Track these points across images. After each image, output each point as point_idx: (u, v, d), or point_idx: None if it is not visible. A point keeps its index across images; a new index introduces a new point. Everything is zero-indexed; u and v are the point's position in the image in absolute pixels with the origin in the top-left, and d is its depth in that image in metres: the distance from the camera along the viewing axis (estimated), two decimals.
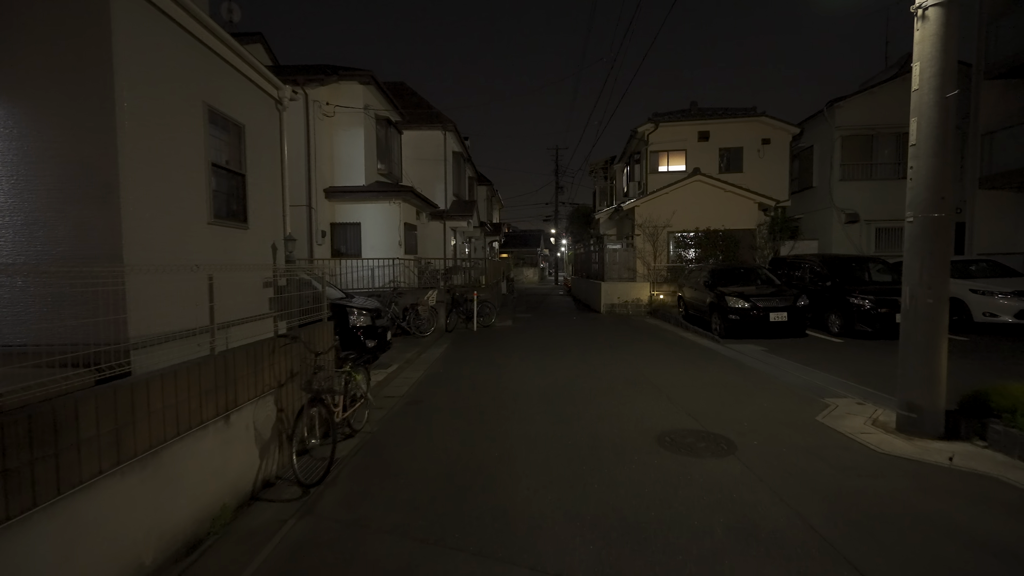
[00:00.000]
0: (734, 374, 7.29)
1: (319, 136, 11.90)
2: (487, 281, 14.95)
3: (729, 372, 7.43)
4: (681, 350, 9.41)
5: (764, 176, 16.70)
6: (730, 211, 15.63)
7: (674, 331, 12.09)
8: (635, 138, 17.89)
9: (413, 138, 16.45)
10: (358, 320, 7.85)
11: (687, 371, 7.53)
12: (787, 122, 16.61)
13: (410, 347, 10.12)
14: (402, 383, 7.23)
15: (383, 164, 13.57)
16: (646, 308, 15.65)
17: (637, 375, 7.29)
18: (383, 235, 12.57)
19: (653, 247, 15.93)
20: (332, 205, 12.50)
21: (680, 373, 7.40)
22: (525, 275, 46.27)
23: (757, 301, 10.25)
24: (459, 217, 16.44)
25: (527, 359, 8.71)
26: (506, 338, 11.34)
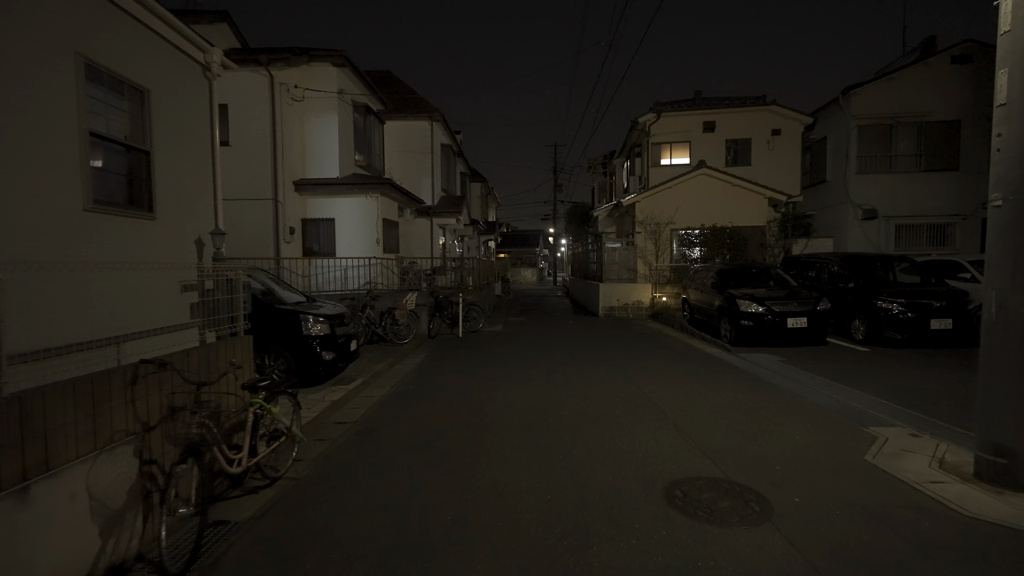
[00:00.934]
0: (752, 392, 6.17)
1: (288, 123, 10.81)
2: (477, 282, 13.88)
3: (746, 390, 6.32)
4: (687, 361, 8.30)
5: (774, 169, 15.59)
6: (738, 207, 14.52)
7: (678, 337, 10.98)
8: (635, 130, 16.79)
9: (398, 129, 15.37)
10: (313, 328, 6.75)
11: (696, 389, 6.42)
12: (799, 111, 15.50)
13: (384, 356, 9.02)
14: (360, 404, 6.13)
15: (361, 155, 12.47)
16: (647, 311, 14.55)
17: (637, 394, 6.18)
18: (359, 232, 11.47)
19: (655, 246, 14.83)
20: (303, 199, 11.41)
21: (688, 391, 6.29)
22: (523, 276, 45.18)
23: (773, 305, 9.14)
24: (447, 214, 15.35)
25: (512, 372, 7.61)
26: (493, 346, 10.24)
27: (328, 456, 4.43)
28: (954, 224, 14.19)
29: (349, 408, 5.96)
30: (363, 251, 11.32)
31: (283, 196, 10.55)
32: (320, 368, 6.75)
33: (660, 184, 14.84)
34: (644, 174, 16.58)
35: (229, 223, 10.93)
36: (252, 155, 10.34)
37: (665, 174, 15.46)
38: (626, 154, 19.84)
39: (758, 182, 14.45)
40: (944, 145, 14.18)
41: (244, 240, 10.35)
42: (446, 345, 10.44)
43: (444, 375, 7.62)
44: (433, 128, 15.34)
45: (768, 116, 15.72)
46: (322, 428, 5.21)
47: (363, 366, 8.17)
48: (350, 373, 7.65)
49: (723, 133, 15.97)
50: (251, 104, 10.31)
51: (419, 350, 9.90)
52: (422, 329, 11.44)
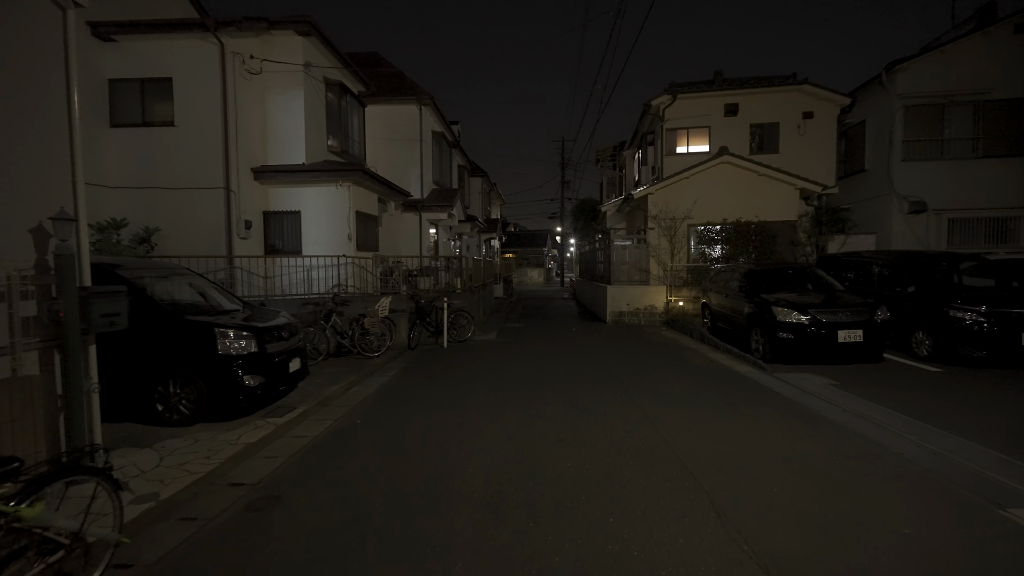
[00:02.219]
0: (812, 438, 4.53)
1: (244, 101, 9.34)
2: (469, 284, 12.34)
3: (801, 432, 4.68)
4: (714, 384, 6.66)
5: (805, 157, 13.83)
6: (765, 199, 12.80)
7: (699, 350, 9.31)
8: (648, 114, 15.12)
9: (383, 115, 13.88)
10: (232, 346, 5.23)
11: (733, 430, 4.79)
12: (835, 91, 13.70)
13: (344, 374, 7.51)
14: (281, 449, 4.59)
15: (335, 140, 10.98)
16: (661, 317, 12.88)
17: (653, 438, 4.57)
18: (329, 227, 9.97)
19: (670, 243, 13.16)
20: (264, 189, 9.94)
21: (722, 434, 4.66)
22: (529, 276, 43.58)
23: (819, 314, 7.46)
24: (437, 208, 13.81)
25: (494, 401, 6.04)
26: (479, 360, 8.67)
27: (180, 557, 2.88)
28: (1019, 218, 12.33)
29: (262, 457, 4.42)
30: (333, 248, 9.83)
31: (237, 185, 9.08)
32: (241, 397, 5.23)
33: (676, 174, 13.16)
34: (658, 164, 14.89)
35: (172, 217, 9.53)
36: (200, 137, 8.89)
37: (681, 163, 13.78)
38: (637, 144, 18.14)
39: (788, 171, 12.71)
40: (1006, 127, 12.32)
41: (190, 236, 8.91)
42: (425, 359, 8.89)
43: (408, 403, 6.06)
44: (422, 113, 13.83)
45: (799, 97, 13.95)
46: (205, 495, 3.68)
47: (314, 388, 6.67)
48: (293, 399, 6.15)
49: (747, 117, 14.23)
50: (198, 77, 8.86)
51: (391, 365, 8.36)
52: (400, 339, 9.91)
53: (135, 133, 8.97)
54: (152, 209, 8.93)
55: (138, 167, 8.96)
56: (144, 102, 8.97)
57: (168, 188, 8.97)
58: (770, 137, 14.16)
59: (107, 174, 8.87)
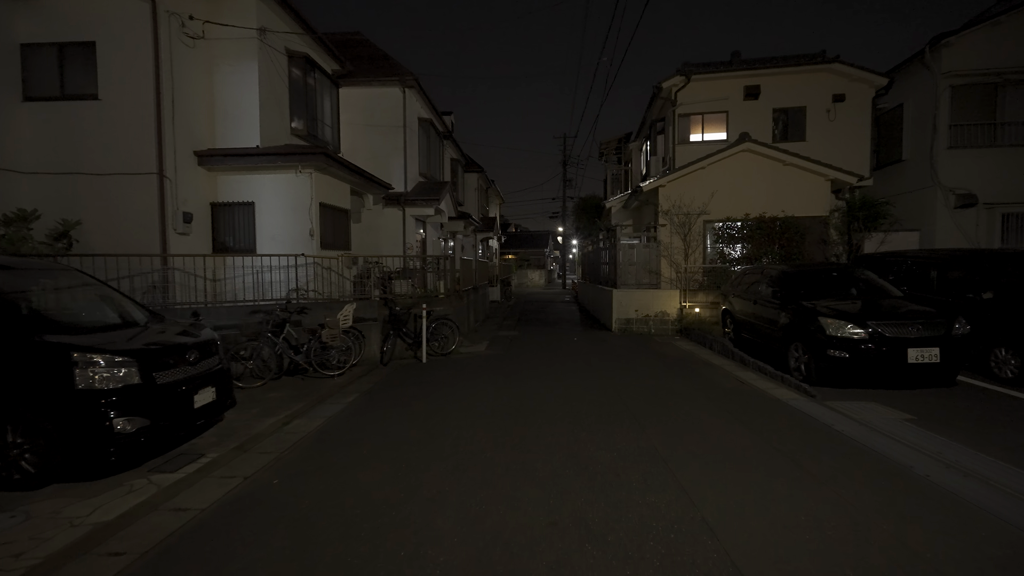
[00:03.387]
0: (929, 521, 3.04)
1: (186, 71, 7.91)
2: (456, 287, 10.88)
3: (908, 511, 3.19)
4: (755, 419, 5.17)
5: (835, 145, 12.34)
6: (791, 192, 11.32)
7: (723, 367, 7.82)
8: (659, 98, 13.64)
9: (362, 98, 12.44)
10: (101, 377, 3.77)
11: (804, 505, 3.30)
12: (870, 70, 12.20)
13: (290, 401, 6.06)
14: (136, 539, 3.11)
15: (300, 122, 9.54)
16: (674, 325, 11.39)
17: (690, 522, 3.08)
18: (288, 221, 8.52)
19: (684, 242, 11.67)
20: (213, 177, 8.50)
21: (791, 514, 3.17)
22: (530, 278, 42.15)
23: (881, 327, 5.96)
24: (423, 202, 12.35)
25: (467, 447, 4.56)
26: (460, 382, 7.20)
27: None
28: None
29: (102, 554, 2.94)
30: (293, 246, 8.38)
31: (174, 170, 7.64)
32: (110, 448, 3.77)
33: (690, 164, 11.68)
34: (669, 154, 13.40)
35: (97, 208, 8.07)
36: (128, 113, 7.46)
37: (695, 153, 12.30)
38: (645, 134, 16.66)
39: (819, 160, 11.21)
40: None
41: (118, 231, 7.47)
42: (396, 379, 7.42)
43: (353, 449, 4.58)
44: (406, 96, 12.38)
45: (829, 78, 12.46)
46: None
47: (243, 422, 5.22)
48: (208, 439, 4.72)
49: (770, 100, 12.74)
50: (126, 41, 7.43)
51: (353, 388, 6.89)
52: (371, 353, 8.45)
53: (53, 108, 7.54)
54: (73, 199, 7.50)
55: (56, 149, 7.53)
56: (63, 71, 7.54)
57: (92, 174, 7.54)
58: (796, 123, 12.66)
59: (19, 157, 7.44)
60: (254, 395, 6.41)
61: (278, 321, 7.24)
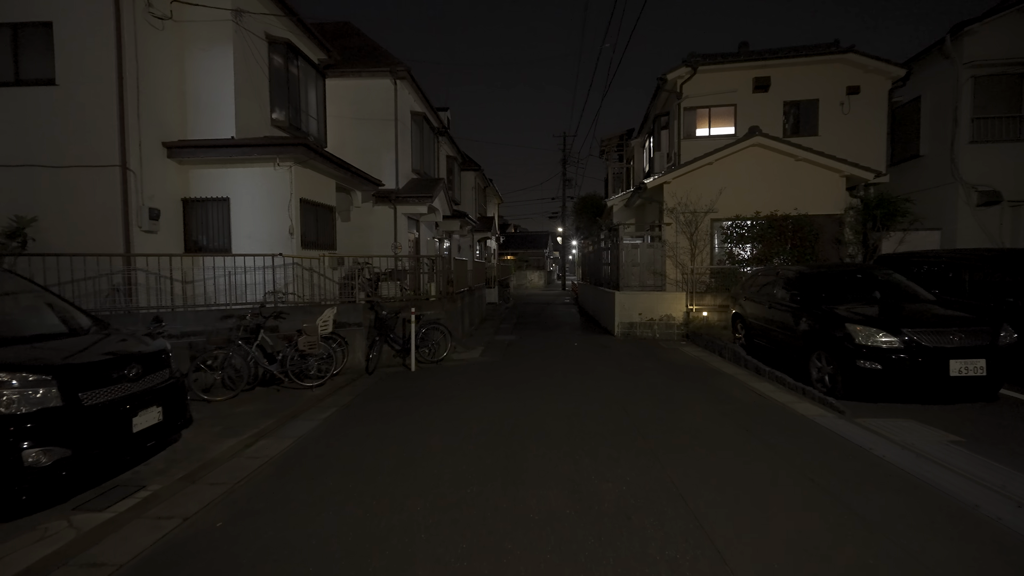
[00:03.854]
0: None
1: (152, 55, 7.28)
2: (450, 289, 10.25)
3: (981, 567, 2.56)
4: (779, 439, 4.54)
5: (850, 140, 11.73)
6: (804, 189, 10.71)
7: (736, 376, 7.19)
8: (663, 91, 13.02)
9: (351, 90, 11.82)
10: (6, 400, 3.14)
11: (858, 561, 2.67)
12: (887, 60, 11.59)
13: (259, 417, 5.43)
14: None
15: (282, 113, 8.92)
16: (680, 329, 10.77)
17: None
18: (265, 218, 7.90)
19: (690, 241, 11.06)
20: (184, 171, 7.87)
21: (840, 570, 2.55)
22: (529, 279, 41.51)
23: (918, 335, 5.34)
24: (415, 200, 11.73)
25: (451, 474, 3.93)
26: (451, 393, 6.57)
27: None
28: None
29: None
30: (271, 245, 7.75)
31: (139, 162, 7.01)
32: (21, 486, 3.14)
33: (697, 159, 11.06)
34: (674, 149, 12.78)
35: (55, 203, 7.44)
36: (89, 99, 6.83)
37: (701, 148, 11.68)
38: (648, 130, 16.03)
39: (834, 155, 10.60)
40: None
41: (78, 228, 6.84)
42: (381, 390, 6.79)
43: (319, 479, 3.95)
44: (397, 88, 11.76)
45: (843, 69, 11.85)
46: None
47: (200, 442, 4.61)
48: (156, 465, 4.10)
49: (780, 93, 12.13)
50: (86, 21, 6.80)
51: (332, 400, 6.26)
52: (356, 360, 7.83)
53: (5, 95, 6.91)
54: (29, 193, 6.87)
55: (10, 138, 6.89)
56: (17, 54, 6.91)
57: (49, 166, 6.90)
58: (807, 116, 12.05)
59: None
60: (220, 410, 5.78)
61: (252, 327, 6.62)
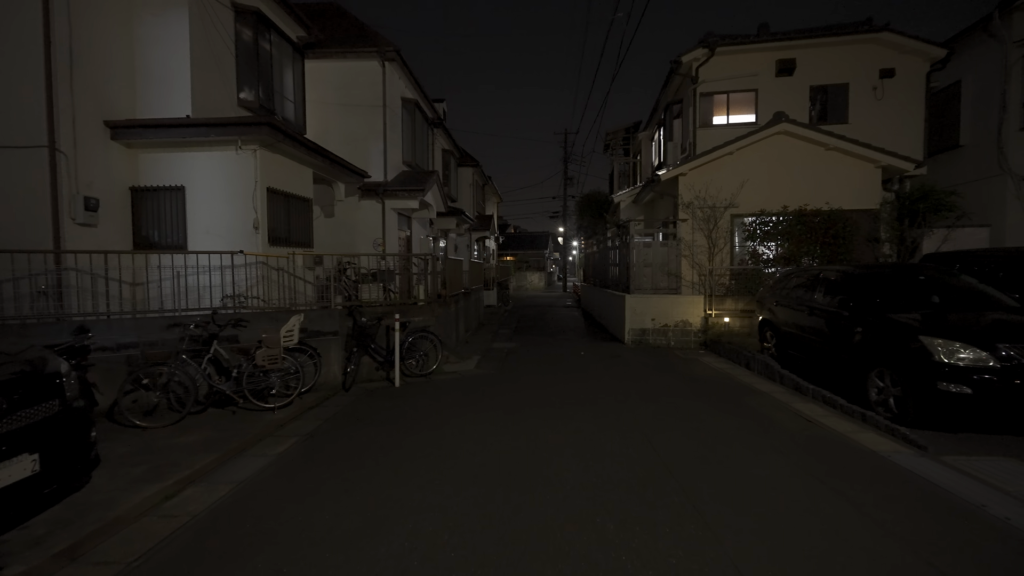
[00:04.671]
0: None
1: (91, 20, 6.23)
2: (442, 292, 9.21)
3: None
4: (855, 491, 3.48)
5: (883, 127, 10.69)
6: (835, 182, 9.68)
7: (773, 395, 6.13)
8: (677, 75, 11.98)
9: (335, 73, 10.78)
10: None
11: None
12: (924, 40, 10.54)
13: (198, 450, 4.39)
14: None
15: (251, 92, 7.88)
16: (698, 337, 9.72)
17: None
18: (225, 210, 6.85)
19: (708, 240, 10.01)
20: (132, 155, 6.82)
21: None
22: (529, 281, 40.51)
23: (1017, 351, 4.27)
24: (405, 194, 10.67)
25: (423, 561, 2.86)
26: (437, 420, 5.51)
27: None
28: None
29: None
30: (231, 241, 6.70)
31: (73, 143, 5.96)
32: None
33: (716, 149, 10.02)
34: (688, 139, 11.73)
35: None
36: (9, 69, 5.77)
37: (719, 137, 10.63)
38: (658, 120, 14.98)
39: (869, 144, 9.55)
40: None
41: None
42: (356, 413, 5.73)
43: (248, 557, 2.88)
44: (386, 71, 10.72)
45: (876, 50, 10.81)
46: None
47: (109, 492, 3.55)
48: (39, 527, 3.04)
49: (806, 77, 11.09)
50: None
51: (291, 428, 5.20)
52: (331, 375, 6.78)
53: None
54: None
55: None
56: None
57: None
58: (836, 102, 11.00)
59: None
60: (155, 440, 4.73)
61: (203, 337, 5.57)
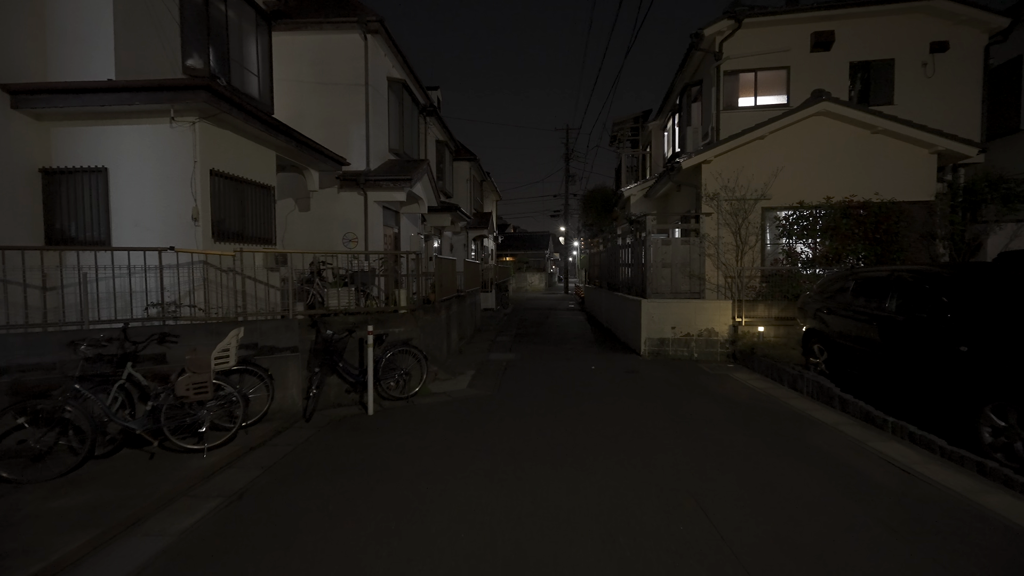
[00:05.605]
0: None
1: None
2: (431, 296, 7.95)
3: None
4: None
5: (933, 109, 9.43)
6: (882, 169, 8.44)
7: (841, 430, 4.85)
8: (697, 52, 10.69)
9: (311, 48, 9.51)
10: None
11: None
12: (983, 7, 9.26)
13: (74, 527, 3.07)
14: None
15: (198, 59, 6.58)
16: (725, 348, 8.45)
17: None
18: (158, 198, 5.56)
19: (736, 236, 8.74)
20: (43, 128, 5.53)
21: None
22: (529, 282, 39.25)
23: None
24: (390, 184, 9.38)
25: None
26: (411, 472, 4.22)
27: None
28: None
29: None
30: (165, 235, 5.40)
31: None
32: None
33: (745, 133, 8.75)
34: (711, 123, 10.44)
35: None
36: None
37: (745, 121, 9.35)
38: (672, 106, 13.69)
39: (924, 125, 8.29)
40: None
41: None
42: (308, 456, 4.43)
43: None
44: (368, 45, 9.43)
45: (926, 20, 9.54)
46: None
47: None
48: None
49: (846, 51, 9.81)
50: None
51: (218, 482, 3.91)
52: (287, 400, 5.50)
53: None
54: None
55: None
56: None
57: None
58: (880, 81, 9.72)
59: None
60: (22, 504, 3.46)
61: (117, 358, 4.29)
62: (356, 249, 9.19)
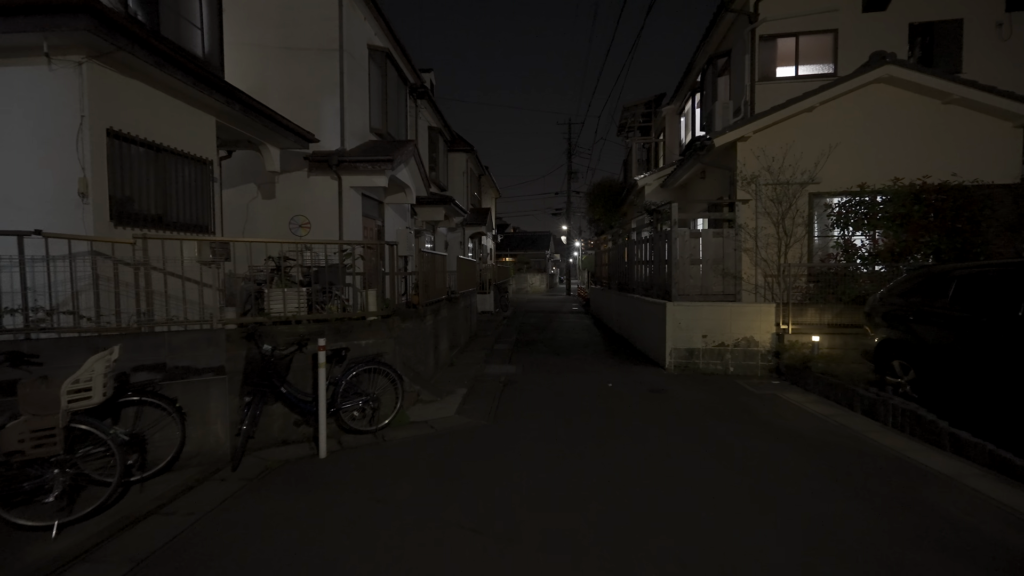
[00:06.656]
0: None
1: None
2: (414, 299, 6.53)
3: None
4: None
5: (1008, 77, 7.99)
6: (956, 147, 7.05)
7: (968, 485, 3.41)
8: (727, 15, 9.26)
9: (275, 5, 8.09)
10: None
11: None
12: None
13: None
14: None
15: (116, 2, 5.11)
16: (767, 361, 7.02)
17: None
18: (31, 165, 4.11)
19: (779, 227, 7.33)
20: None
21: None
22: (530, 283, 37.84)
23: None
24: (368, 166, 7.93)
25: None
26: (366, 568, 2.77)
27: None
28: None
29: None
30: (41, 216, 3.96)
31: None
32: None
33: (790, 103, 7.33)
34: (745, 97, 8.99)
35: None
36: None
37: (783, 94, 7.90)
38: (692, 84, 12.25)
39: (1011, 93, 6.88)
40: None
41: None
42: (214, 541, 2.98)
43: None
44: (343, 4, 8.01)
45: None
46: None
47: None
48: None
49: (904, 11, 8.39)
50: None
51: None
52: (212, 440, 4.06)
53: None
54: None
55: None
56: None
57: None
58: (945, 44, 8.29)
59: None
60: None
61: None
62: (306, 238, 7.75)
